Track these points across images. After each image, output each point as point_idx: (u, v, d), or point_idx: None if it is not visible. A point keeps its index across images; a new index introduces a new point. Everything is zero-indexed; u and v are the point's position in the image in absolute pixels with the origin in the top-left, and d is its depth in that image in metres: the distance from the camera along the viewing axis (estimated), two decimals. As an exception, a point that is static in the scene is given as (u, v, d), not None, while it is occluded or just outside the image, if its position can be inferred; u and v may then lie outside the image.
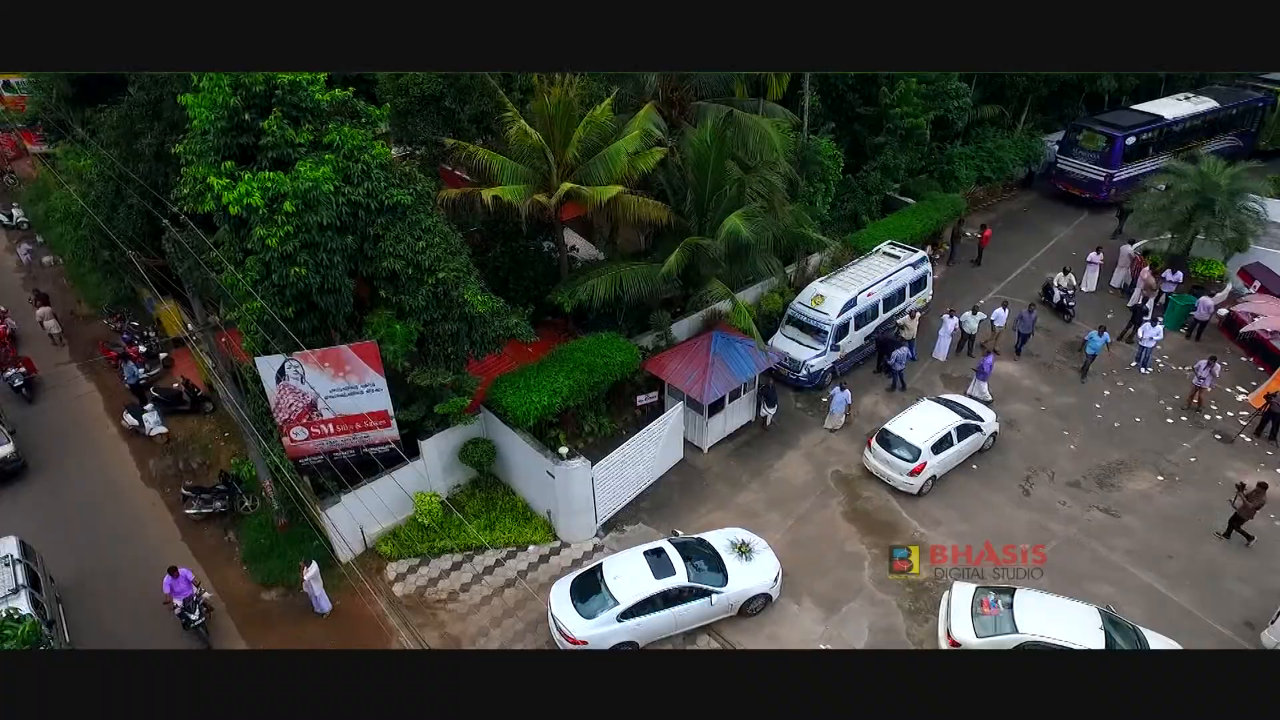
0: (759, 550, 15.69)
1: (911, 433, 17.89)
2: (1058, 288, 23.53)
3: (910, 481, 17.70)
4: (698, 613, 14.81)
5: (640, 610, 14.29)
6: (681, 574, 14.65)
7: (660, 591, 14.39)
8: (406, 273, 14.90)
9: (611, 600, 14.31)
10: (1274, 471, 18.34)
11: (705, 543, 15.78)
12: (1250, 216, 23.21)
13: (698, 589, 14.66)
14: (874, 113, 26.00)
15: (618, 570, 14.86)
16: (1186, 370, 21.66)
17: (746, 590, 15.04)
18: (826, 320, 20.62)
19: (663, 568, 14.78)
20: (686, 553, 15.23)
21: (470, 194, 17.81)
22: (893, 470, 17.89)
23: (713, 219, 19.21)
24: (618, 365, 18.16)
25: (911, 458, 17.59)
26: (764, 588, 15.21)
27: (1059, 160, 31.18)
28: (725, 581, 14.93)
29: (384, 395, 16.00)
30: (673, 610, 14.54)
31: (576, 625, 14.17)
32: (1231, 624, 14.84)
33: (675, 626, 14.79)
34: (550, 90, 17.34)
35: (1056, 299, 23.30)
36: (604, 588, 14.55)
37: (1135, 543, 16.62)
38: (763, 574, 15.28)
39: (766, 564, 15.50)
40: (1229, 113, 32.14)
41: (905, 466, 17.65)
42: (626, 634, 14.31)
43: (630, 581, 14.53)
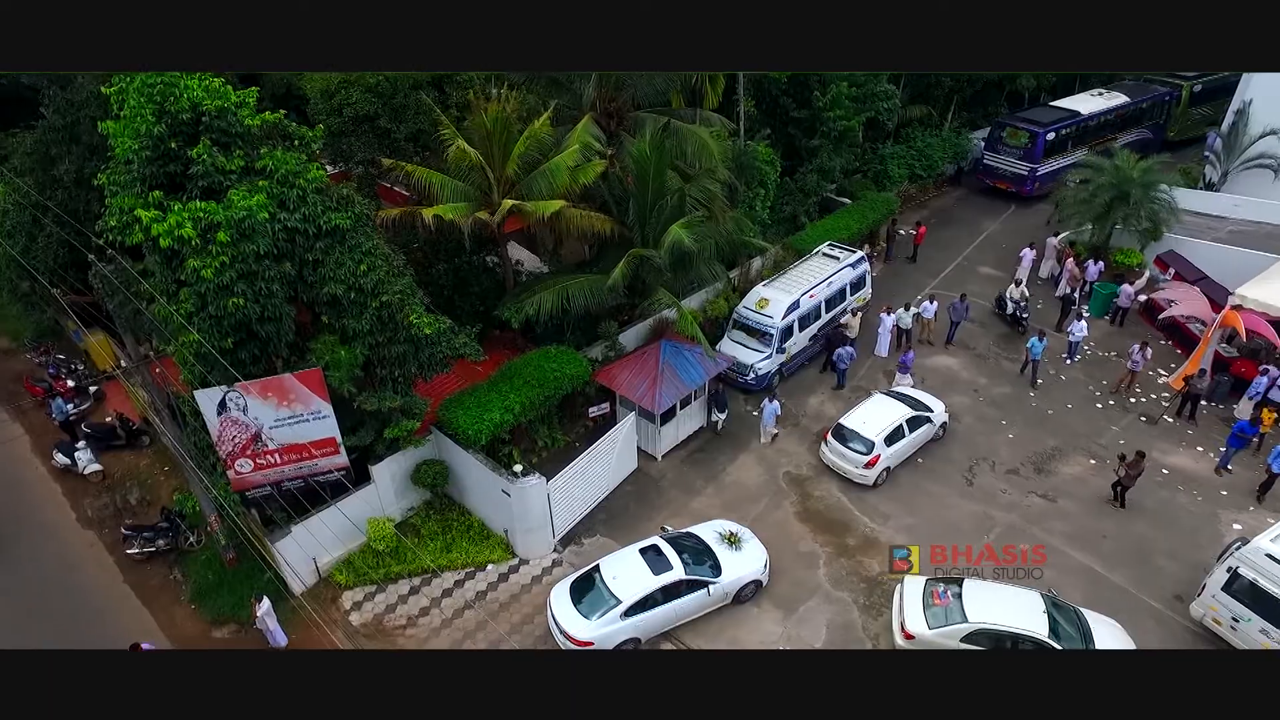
0: (747, 539, 16.30)
1: (865, 426, 18.47)
2: (1010, 299, 23.57)
3: (866, 474, 18.25)
4: (696, 603, 15.27)
5: (642, 606, 14.65)
6: (679, 568, 15.07)
7: (660, 587, 14.78)
8: (349, 297, 14.67)
9: (614, 599, 14.61)
10: (1194, 449, 19.40)
11: (695, 536, 16.25)
12: (1163, 207, 24.46)
13: (695, 581, 15.11)
14: (808, 116, 26.53)
15: (616, 570, 15.17)
16: (1113, 356, 22.75)
17: (740, 578, 15.58)
18: (771, 323, 21.00)
19: (660, 563, 15.19)
20: (680, 547, 15.67)
21: (410, 213, 17.62)
22: (848, 463, 18.42)
23: (656, 228, 19.38)
24: (568, 378, 18.17)
25: (866, 450, 18.16)
26: (755, 574, 15.78)
27: (985, 156, 32.32)
28: (719, 572, 15.43)
29: (331, 422, 15.72)
30: (673, 604, 14.97)
31: (580, 627, 14.40)
32: (1163, 598, 15.65)
33: (676, 619, 15.22)
34: (487, 106, 17.25)
35: (1010, 310, 23.55)
36: (604, 588, 14.84)
37: (1072, 525, 17.38)
38: (753, 561, 15.88)
39: (755, 552, 16.12)
40: (1139, 107, 33.76)
41: (860, 459, 18.20)
42: (630, 631, 14.63)
43: (630, 580, 14.88)
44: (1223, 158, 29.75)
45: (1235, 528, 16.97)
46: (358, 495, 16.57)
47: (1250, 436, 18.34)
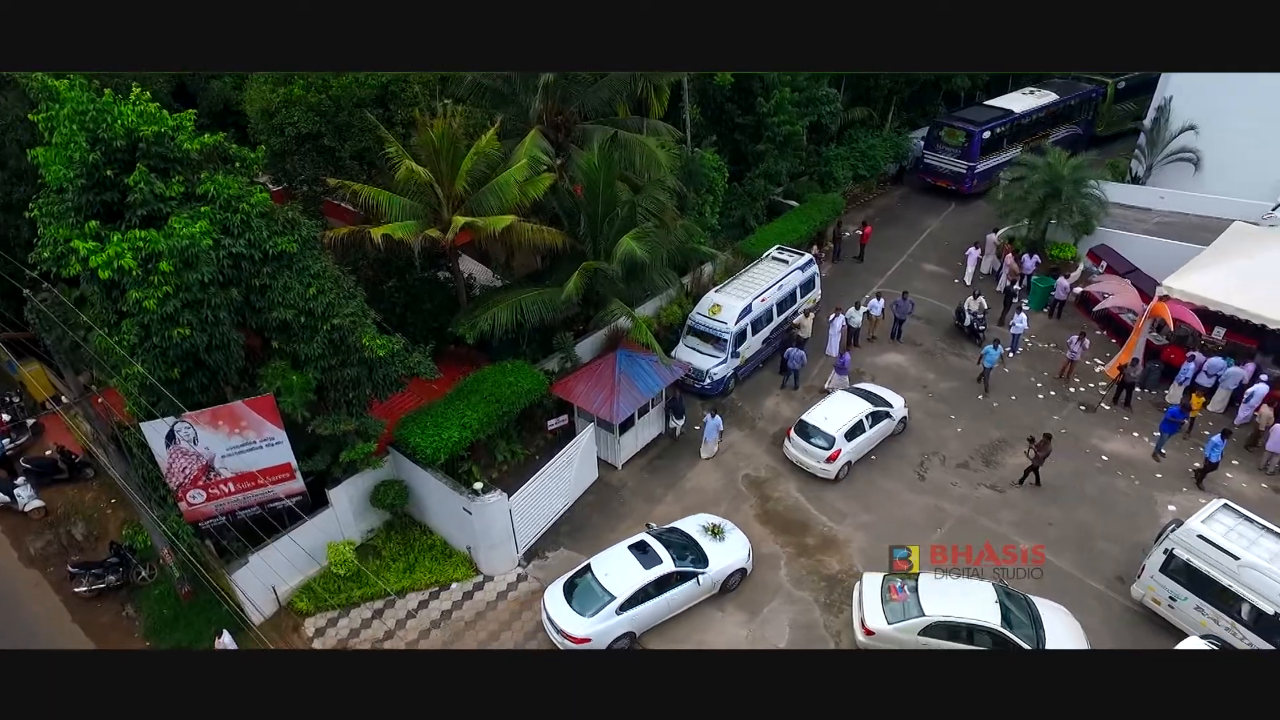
0: (729, 530, 16.87)
1: (826, 422, 18.99)
2: (969, 312, 23.79)
3: (828, 468, 18.77)
4: (687, 594, 15.73)
5: (636, 601, 15.03)
6: (668, 561, 15.52)
7: (652, 580, 15.18)
8: (299, 321, 14.46)
9: (609, 595, 14.94)
10: (1131, 435, 20.28)
11: (680, 530, 16.69)
12: (1093, 202, 25.47)
13: (685, 573, 15.58)
14: (753, 122, 26.97)
15: (607, 567, 15.51)
16: (1052, 347, 23.63)
17: (727, 567, 16.13)
18: (725, 329, 21.30)
19: (650, 558, 15.61)
20: (667, 542, 16.10)
21: (358, 232, 17.43)
22: (811, 458, 18.92)
23: (607, 239, 19.50)
24: (525, 392, 18.18)
25: (827, 445, 18.68)
26: (741, 563, 16.35)
27: (925, 156, 33.19)
28: (706, 563, 15.93)
29: (285, 448, 15.50)
30: (665, 596, 15.39)
31: (577, 625, 14.71)
32: (1106, 580, 16.35)
33: (668, 611, 15.65)
34: (433, 123, 17.15)
35: (968, 323, 23.81)
36: (598, 585, 15.17)
37: (1019, 514, 18.03)
38: (737, 551, 16.45)
39: (738, 541, 16.71)
40: (1069, 104, 35.04)
41: (822, 454, 18.72)
42: (626, 625, 15.03)
43: (622, 576, 15.25)
44: (1147, 152, 31.07)
45: (1170, 509, 17.80)
46: (316, 520, 16.33)
47: (1181, 421, 19.23)
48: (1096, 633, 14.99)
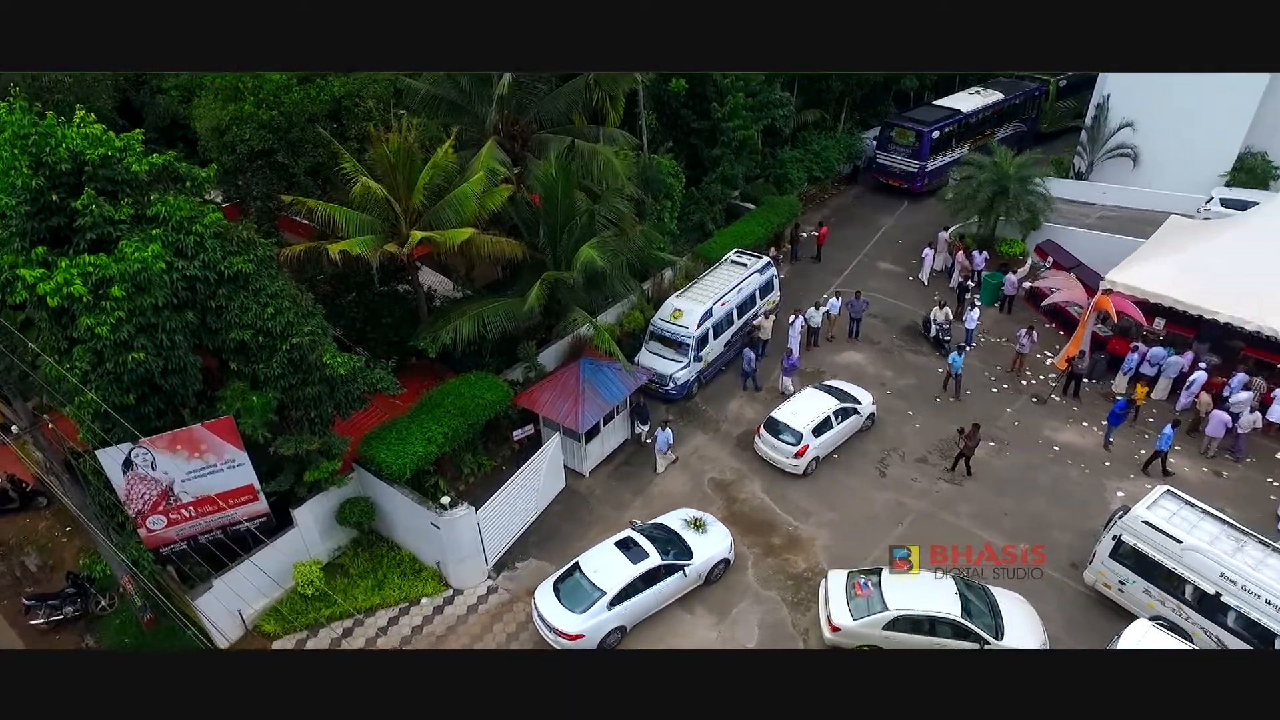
0: (711, 523, 17.38)
1: (795, 418, 19.42)
2: (935, 322, 23.97)
3: (796, 463, 19.21)
4: (674, 586, 16.16)
5: (626, 595, 15.40)
6: (655, 555, 15.92)
7: (640, 575, 15.57)
8: (257, 341, 14.33)
9: (599, 591, 15.29)
10: (1080, 425, 21.00)
11: (663, 525, 17.12)
12: (1039, 199, 26.27)
13: (671, 565, 16.01)
14: (708, 127, 27.27)
15: (596, 564, 15.85)
16: (1004, 341, 24.33)
17: (711, 558, 16.58)
18: (687, 333, 21.54)
19: (636, 553, 16.00)
20: (651, 537, 16.50)
21: (315, 248, 17.29)
22: (779, 454, 19.34)
23: (567, 249, 19.59)
24: (490, 404, 18.19)
25: (795, 441, 19.12)
26: (724, 553, 16.82)
27: (877, 156, 33.87)
28: (691, 555, 16.38)
29: (247, 469, 15.32)
30: (653, 589, 15.77)
31: (570, 622, 15.03)
32: (1060, 568, 16.92)
33: (657, 603, 16.06)
34: (388, 137, 17.08)
35: (933, 333, 24.02)
36: (588, 582, 15.52)
37: (976, 506, 18.57)
38: (719, 542, 16.93)
39: (720, 533, 17.21)
40: (1014, 102, 36.02)
41: (790, 450, 19.15)
42: (617, 619, 15.39)
43: (611, 571, 15.61)
44: (1088, 148, 32.11)
45: (1119, 495, 18.49)
46: (281, 540, 16.20)
47: (1126, 413, 19.91)
48: (1052, 618, 15.54)
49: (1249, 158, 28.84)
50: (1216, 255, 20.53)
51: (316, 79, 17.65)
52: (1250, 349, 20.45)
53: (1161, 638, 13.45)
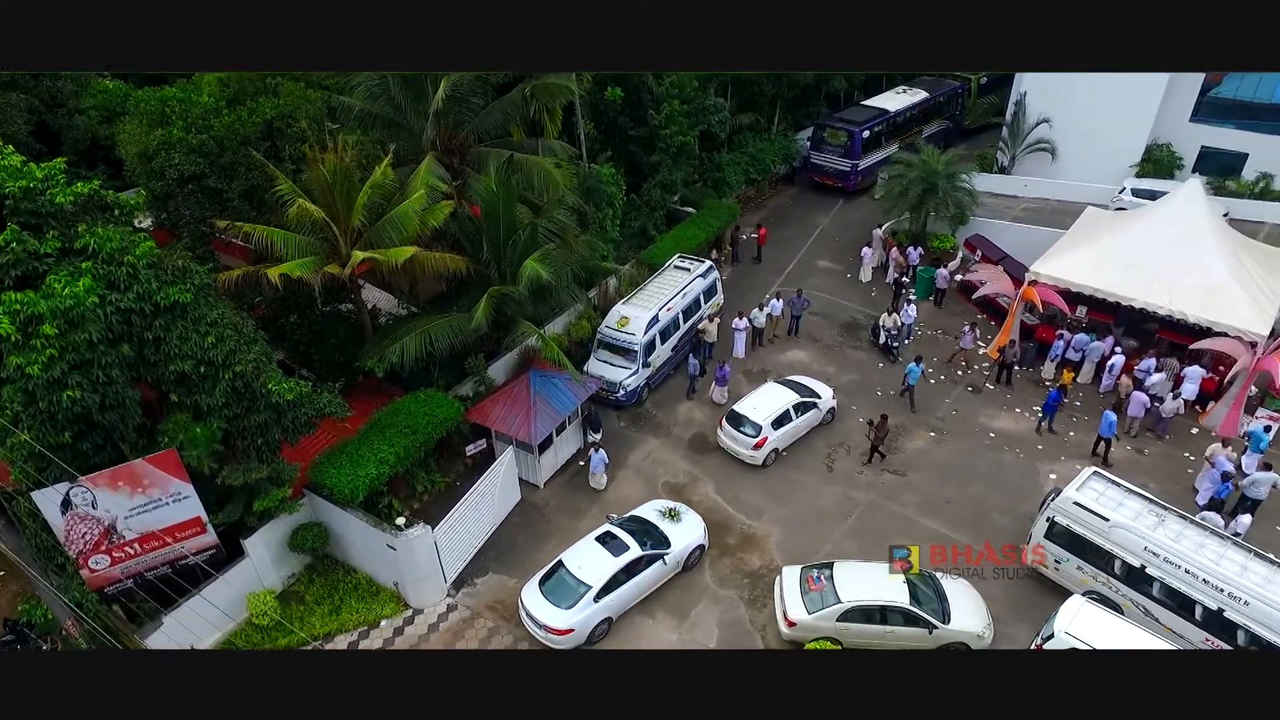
0: (684, 511, 17.99)
1: (755, 411, 20.03)
2: (884, 328, 24.25)
3: (755, 454, 19.83)
4: (655, 575, 16.74)
5: (611, 588, 15.91)
6: (635, 547, 16.47)
7: (623, 567, 16.09)
8: (198, 372, 14.05)
9: (584, 586, 15.75)
10: (1014, 411, 21.97)
11: (639, 518, 17.64)
12: (965, 194, 27.33)
13: (652, 555, 16.57)
14: (646, 134, 27.59)
15: (579, 560, 16.32)
16: (940, 334, 25.26)
17: (687, 545, 17.24)
18: (634, 340, 21.81)
19: (617, 546, 16.51)
20: (630, 529, 17.01)
21: (253, 272, 17.00)
22: (739, 445, 19.95)
23: (511, 262, 19.66)
24: (441, 421, 18.15)
25: (754, 433, 19.73)
26: (699, 540, 17.53)
27: (811, 156, 34.68)
28: (669, 544, 16.97)
29: (194, 502, 15.02)
30: (636, 579, 16.31)
31: (559, 617, 15.46)
32: (1000, 550, 17.70)
33: (640, 593, 16.61)
34: (324, 158, 16.88)
35: (883, 340, 24.36)
36: (572, 578, 15.96)
37: (920, 496, 19.29)
38: (694, 530, 17.60)
39: (694, 521, 17.84)
40: (938, 100, 37.25)
41: (749, 441, 19.78)
42: (604, 612, 15.89)
43: (594, 566, 16.10)
44: (1010, 144, 33.49)
45: (1051, 477, 19.43)
46: (233, 572, 15.89)
47: (1060, 403, 20.83)
48: (995, 599, 16.28)
49: (1155, 149, 30.50)
50: (1130, 244, 21.72)
51: (248, 100, 17.33)
52: (1164, 332, 21.71)
53: (1094, 611, 14.24)
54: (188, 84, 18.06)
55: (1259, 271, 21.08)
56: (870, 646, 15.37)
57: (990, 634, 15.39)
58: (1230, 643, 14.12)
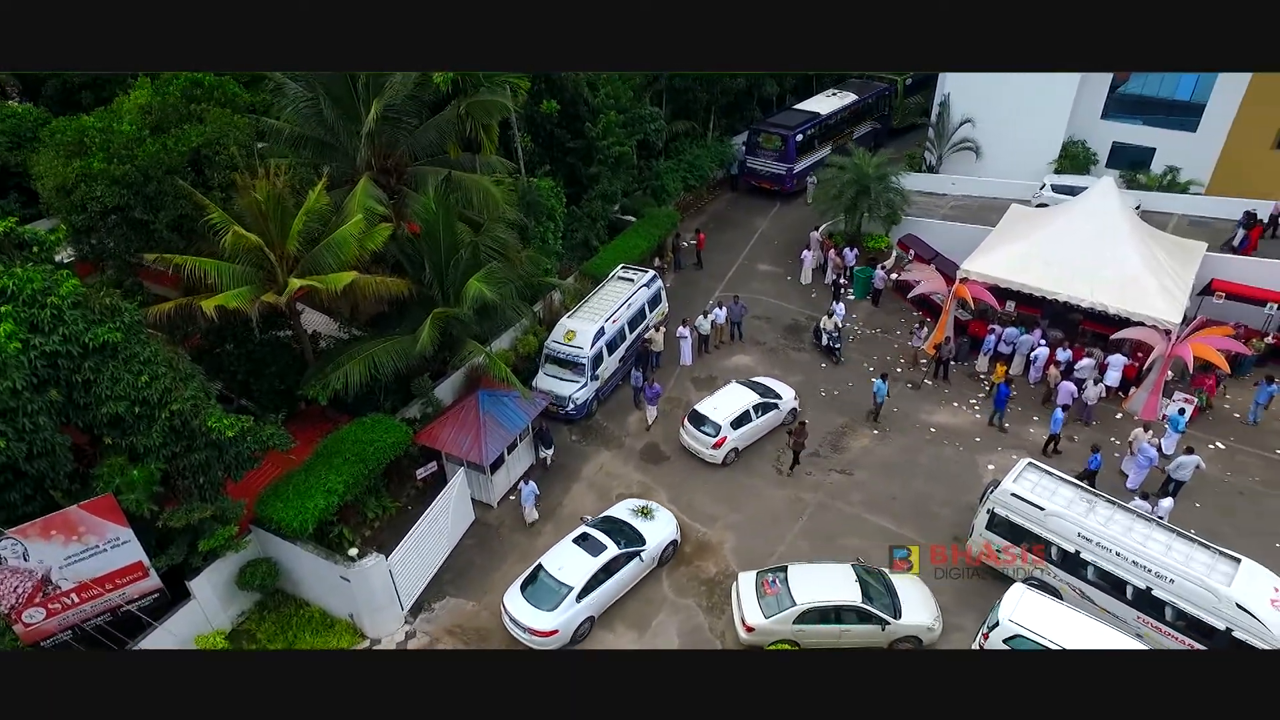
0: (656, 509, 18.48)
1: (715, 411, 20.49)
2: (825, 331, 24.69)
3: (714, 453, 20.28)
4: (633, 572, 17.20)
5: (591, 587, 16.29)
6: (612, 546, 16.91)
7: (602, 566, 16.49)
8: (133, 413, 13.63)
9: (566, 587, 16.11)
10: (951, 405, 22.77)
11: (613, 518, 18.06)
12: (896, 195, 28.17)
13: (629, 553, 17.03)
14: (583, 145, 27.66)
15: (559, 562, 16.65)
16: (879, 333, 25.99)
17: (662, 541, 17.73)
18: (582, 354, 21.88)
19: (595, 546, 16.90)
20: (606, 529, 17.41)
21: (186, 304, 16.51)
22: (700, 444, 20.42)
23: (454, 282, 19.52)
24: (389, 446, 17.90)
25: (714, 433, 20.17)
26: (672, 535, 18.03)
27: (747, 160, 35.26)
28: (644, 541, 17.43)
29: (134, 547, 14.51)
30: (615, 578, 16.75)
31: (543, 620, 15.78)
32: (945, 542, 18.28)
33: (619, 590, 17.05)
34: (256, 184, 16.49)
35: (825, 342, 24.83)
36: (553, 580, 16.30)
37: (867, 494, 19.85)
38: (667, 526, 18.12)
39: (666, 517, 18.37)
40: (867, 102, 38.27)
41: (709, 440, 20.24)
42: (586, 611, 16.27)
43: (574, 567, 16.46)
44: (936, 143, 34.64)
45: (989, 469, 20.20)
46: (178, 615, 15.41)
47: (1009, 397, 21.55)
48: (942, 591, 16.86)
49: (1071, 146, 31.97)
50: (1052, 241, 22.71)
51: (172, 128, 16.79)
52: (1088, 323, 22.81)
53: (1035, 598, 14.90)
54: (106, 112, 17.38)
55: (1170, 262, 22.30)
56: (826, 646, 15.77)
57: (940, 626, 15.95)
58: (1159, 620, 14.94)
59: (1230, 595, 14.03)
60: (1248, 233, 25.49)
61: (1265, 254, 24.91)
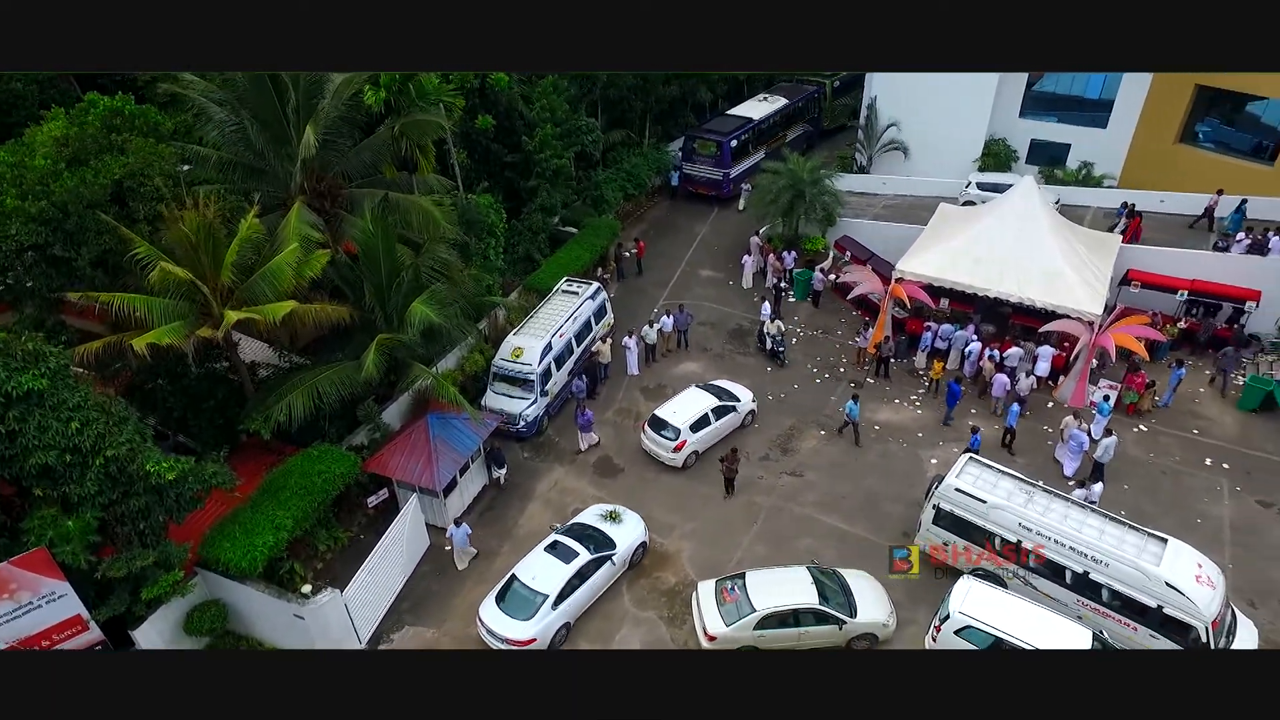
0: (624, 512, 18.71)
1: (674, 415, 20.83)
2: (769, 335, 25.05)
3: (675, 457, 20.66)
4: (605, 576, 17.51)
5: (566, 594, 16.52)
6: (584, 552, 17.14)
7: (575, 572, 16.73)
8: (64, 461, 13.08)
9: (541, 595, 16.28)
10: (894, 403, 23.44)
11: (582, 524, 18.32)
12: (831, 198, 28.82)
13: (600, 558, 17.27)
14: (521, 159, 27.54)
15: (533, 571, 16.81)
16: (820, 334, 26.59)
17: (631, 544, 18.08)
18: (530, 370, 21.80)
19: (567, 554, 17.10)
20: (576, 536, 17.63)
21: (116, 342, 15.87)
22: (660, 449, 20.77)
23: (396, 305, 19.25)
24: (338, 477, 17.55)
25: (674, 437, 20.50)
26: (641, 537, 18.39)
27: (684, 167, 35.59)
28: (614, 545, 17.73)
29: (71, 600, 13.94)
30: (588, 583, 17.02)
31: (520, 629, 15.89)
32: (895, 538, 18.79)
33: (594, 594, 17.35)
34: (183, 215, 15.94)
35: (769, 346, 25.19)
36: (529, 589, 16.45)
37: (818, 494, 20.30)
38: (635, 529, 18.43)
39: (634, 520, 18.65)
40: (798, 105, 39.03)
41: (670, 445, 20.57)
42: (562, 617, 16.52)
43: (548, 575, 16.64)
44: (866, 144, 35.58)
45: (933, 463, 20.88)
46: (122, 668, 14.81)
47: (959, 394, 22.26)
48: (894, 586, 17.32)
49: (993, 144, 33.23)
50: (980, 239, 23.59)
51: (91, 160, 16.08)
52: (1017, 317, 23.77)
53: (982, 589, 15.50)
54: (17, 144, 16.56)
55: (1089, 255, 23.42)
56: (786, 649, 16.08)
57: (894, 621, 16.44)
58: (1097, 601, 15.71)
59: (1160, 575, 14.85)
60: (1128, 221, 27.10)
61: (1195, 245, 26.17)
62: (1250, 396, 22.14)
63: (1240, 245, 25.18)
